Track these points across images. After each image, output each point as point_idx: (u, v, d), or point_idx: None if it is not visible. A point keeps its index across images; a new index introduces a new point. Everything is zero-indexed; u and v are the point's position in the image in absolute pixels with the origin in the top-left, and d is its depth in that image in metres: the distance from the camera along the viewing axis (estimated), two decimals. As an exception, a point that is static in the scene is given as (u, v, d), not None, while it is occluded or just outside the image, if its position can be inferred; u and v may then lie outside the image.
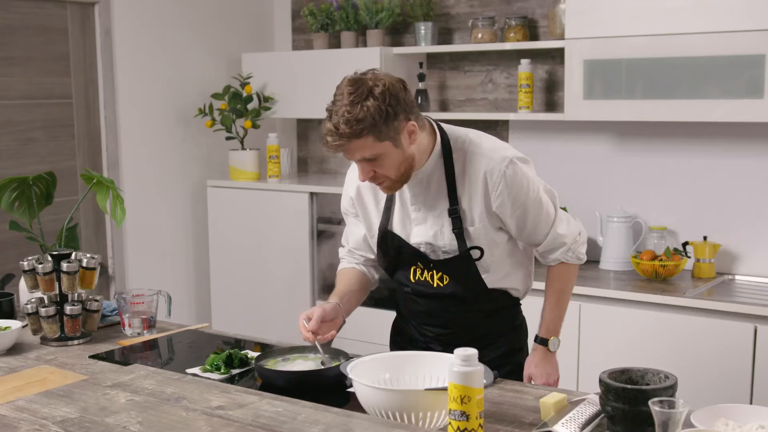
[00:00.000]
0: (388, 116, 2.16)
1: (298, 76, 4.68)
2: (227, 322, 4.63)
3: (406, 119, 2.21)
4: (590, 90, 3.75)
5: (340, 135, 2.16)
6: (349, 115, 2.14)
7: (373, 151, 2.19)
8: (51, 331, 2.59)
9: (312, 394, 2.09)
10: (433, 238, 2.38)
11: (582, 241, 2.49)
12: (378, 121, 2.15)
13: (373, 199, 2.50)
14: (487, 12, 4.42)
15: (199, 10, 4.83)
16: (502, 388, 2.21)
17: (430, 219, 2.38)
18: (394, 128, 2.19)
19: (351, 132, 2.14)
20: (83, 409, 1.95)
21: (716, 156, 3.87)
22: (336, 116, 2.16)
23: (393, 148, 2.21)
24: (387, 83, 2.18)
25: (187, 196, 4.88)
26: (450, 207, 2.34)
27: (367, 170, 2.26)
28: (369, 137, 2.16)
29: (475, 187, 2.32)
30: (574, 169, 4.21)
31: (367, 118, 2.14)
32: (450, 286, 2.40)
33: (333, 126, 2.16)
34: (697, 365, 3.37)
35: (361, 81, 2.18)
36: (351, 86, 2.18)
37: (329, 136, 2.18)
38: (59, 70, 4.24)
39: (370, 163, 2.23)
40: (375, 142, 2.18)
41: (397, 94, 2.18)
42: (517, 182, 2.32)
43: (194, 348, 2.64)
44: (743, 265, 3.85)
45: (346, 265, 2.65)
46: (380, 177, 2.27)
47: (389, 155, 2.22)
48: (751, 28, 3.36)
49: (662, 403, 1.67)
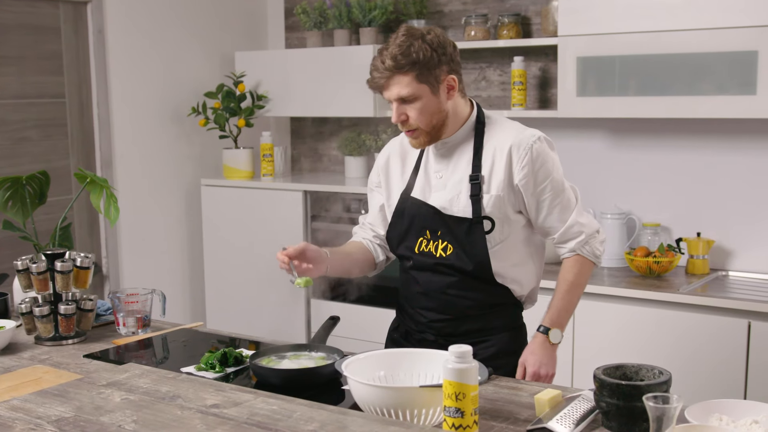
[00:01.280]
0: (431, 61, 2.29)
1: (292, 74, 4.67)
2: (222, 321, 4.63)
3: (448, 72, 2.33)
4: (583, 87, 3.76)
5: (386, 68, 2.29)
6: (397, 51, 2.27)
7: (411, 90, 2.29)
8: (45, 330, 2.59)
9: (307, 392, 2.09)
10: (448, 202, 2.42)
11: (601, 239, 2.50)
12: (422, 61, 2.27)
13: (401, 167, 2.56)
14: (480, 9, 4.42)
15: (192, 9, 4.83)
16: (497, 385, 2.21)
17: (449, 185, 2.43)
18: (435, 75, 2.31)
19: (395, 65, 2.27)
20: (78, 409, 1.94)
21: (709, 152, 3.88)
22: (385, 52, 2.30)
23: (430, 95, 2.32)
24: (439, 34, 2.33)
25: (180, 195, 4.88)
26: (472, 173, 2.39)
27: (401, 111, 2.34)
28: (410, 74, 2.28)
29: (500, 157, 2.38)
30: (567, 166, 4.16)
31: (412, 56, 2.27)
32: (453, 256, 2.41)
33: (380, 60, 2.30)
34: (692, 361, 3.38)
35: (416, 28, 2.33)
36: (406, 30, 2.32)
37: (374, 70, 2.32)
38: (52, 69, 4.23)
39: (405, 104, 2.33)
40: (414, 82, 2.29)
41: (445, 46, 2.32)
42: (542, 159, 2.38)
43: (189, 347, 2.64)
44: (737, 261, 3.86)
45: (354, 239, 2.70)
46: (412, 123, 2.35)
47: (425, 100, 2.32)
48: (744, 25, 3.37)
49: (656, 399, 1.68)
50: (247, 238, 4.68)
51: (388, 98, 2.35)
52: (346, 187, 4.42)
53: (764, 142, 3.75)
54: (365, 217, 2.71)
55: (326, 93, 4.55)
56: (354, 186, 4.41)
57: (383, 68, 2.30)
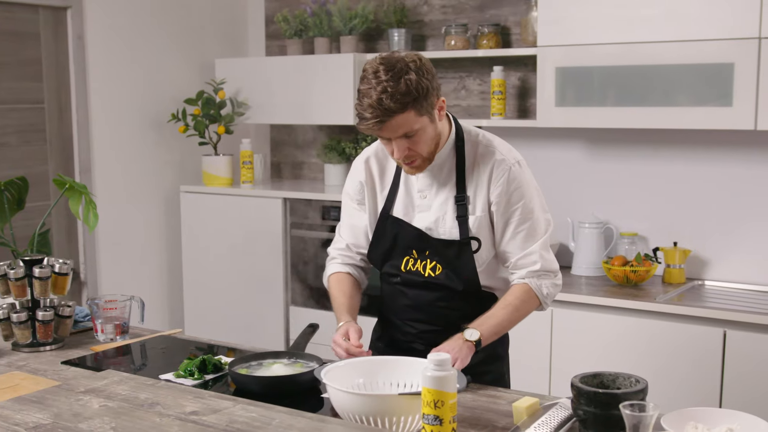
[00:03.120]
0: (427, 91, 2.20)
1: (272, 81, 4.68)
2: (200, 328, 4.62)
3: (437, 95, 2.26)
4: (562, 97, 3.78)
5: (384, 110, 2.15)
6: (393, 90, 2.14)
7: (415, 126, 2.21)
8: (23, 336, 2.58)
9: (286, 399, 2.09)
10: (434, 223, 2.40)
11: (555, 282, 2.41)
12: (420, 95, 2.18)
13: (380, 183, 2.51)
14: (460, 19, 4.45)
15: (173, 16, 4.82)
16: (476, 393, 2.22)
17: (434, 206, 2.40)
18: (430, 103, 2.23)
19: (396, 106, 2.15)
20: (56, 415, 1.94)
21: (686, 163, 3.91)
22: (375, 92, 2.15)
23: (429, 124, 2.26)
24: (421, 58, 2.23)
25: (160, 202, 4.87)
26: (457, 194, 2.37)
27: (404, 147, 2.26)
28: (411, 111, 2.18)
29: (483, 177, 2.36)
30: (546, 176, 4.23)
31: (411, 92, 2.16)
32: (442, 276, 2.40)
33: (375, 101, 2.15)
34: (668, 369, 3.41)
35: (395, 58, 2.20)
36: (385, 64, 2.18)
37: (370, 112, 2.16)
38: (31, 75, 4.21)
39: (407, 139, 2.24)
40: (416, 117, 2.20)
41: (430, 69, 2.24)
42: (518, 182, 2.36)
43: (167, 353, 2.63)
44: (713, 270, 3.89)
45: (339, 269, 2.59)
46: (414, 155, 2.29)
47: (426, 131, 2.25)
48: (721, 37, 3.40)
49: (633, 407, 1.70)
50: (226, 245, 4.67)
51: (388, 137, 2.24)
52: (325, 194, 4.42)
53: (740, 152, 3.79)
54: (346, 236, 2.59)
55: (306, 101, 4.56)
56: (334, 194, 4.41)
57: (381, 109, 2.15)
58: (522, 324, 3.68)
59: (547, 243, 2.42)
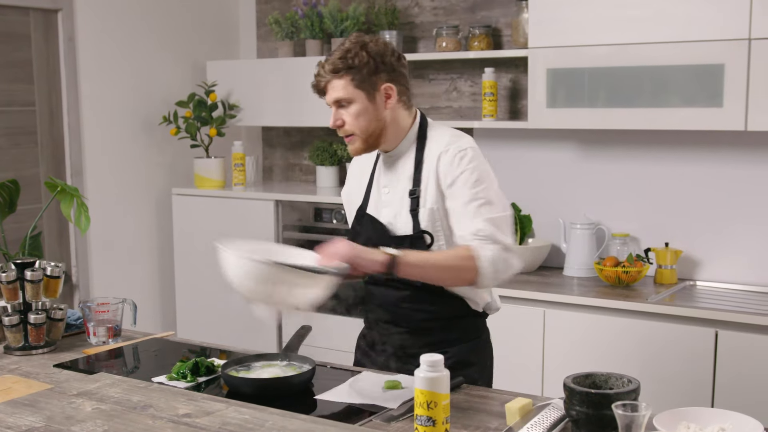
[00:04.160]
0: (369, 68, 2.33)
1: (263, 83, 4.68)
2: (192, 330, 4.61)
3: (387, 80, 2.36)
4: (553, 98, 3.79)
5: (325, 72, 2.36)
6: (335, 57, 2.34)
7: (346, 94, 2.34)
8: (15, 340, 2.57)
9: (279, 401, 2.09)
10: (394, 219, 2.42)
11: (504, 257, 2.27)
12: (359, 66, 2.33)
13: (359, 183, 2.57)
14: (451, 21, 4.45)
15: (164, 18, 4.82)
16: (468, 394, 2.22)
17: (394, 201, 2.43)
18: (372, 82, 2.35)
19: (333, 68, 2.34)
20: (49, 418, 1.94)
21: (677, 163, 3.92)
22: (329, 57, 2.37)
23: (366, 101, 2.35)
24: (381, 44, 2.38)
25: (151, 204, 4.86)
26: (411, 188, 2.39)
27: (338, 116, 2.39)
28: (346, 78, 2.33)
29: (432, 167, 2.37)
30: (537, 177, 4.25)
31: (348, 61, 2.33)
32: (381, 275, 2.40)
33: (322, 65, 2.37)
34: (660, 369, 3.41)
35: (364, 36, 2.40)
36: (353, 38, 2.38)
37: (317, 74, 2.39)
38: (22, 77, 4.20)
39: (341, 108, 2.38)
40: (350, 86, 2.34)
41: (384, 55, 2.36)
42: (468, 162, 2.33)
43: (160, 356, 2.63)
44: (704, 271, 3.90)
45: None
46: (348, 128, 2.39)
47: (360, 105, 2.35)
48: (711, 38, 3.41)
49: (625, 407, 1.70)
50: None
51: (327, 102, 2.40)
52: (317, 196, 4.42)
53: (731, 153, 3.80)
54: None
55: (298, 103, 4.56)
56: (326, 195, 4.41)
57: (323, 72, 2.37)
58: (514, 324, 3.70)
59: (503, 224, 2.31)
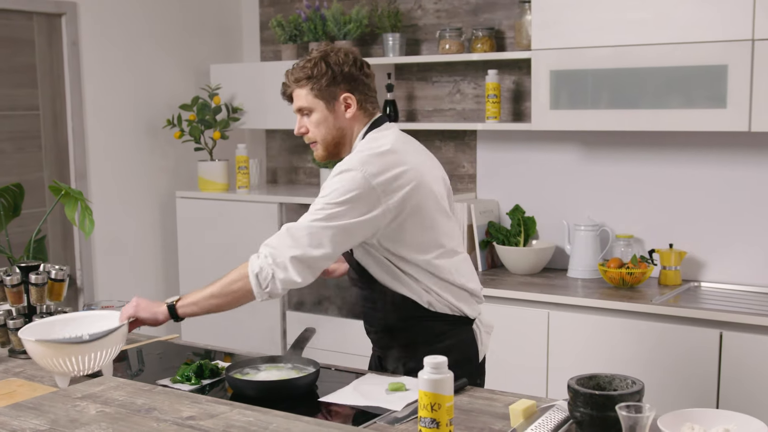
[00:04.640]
0: (327, 78, 2.41)
1: (267, 87, 4.68)
2: (197, 333, 4.61)
3: (347, 90, 2.43)
4: (557, 100, 3.79)
5: (289, 80, 2.47)
6: (300, 65, 2.45)
7: (307, 103, 2.43)
8: (19, 343, 2.57)
9: (283, 403, 2.10)
10: None
11: (274, 273, 2.37)
12: (318, 77, 2.41)
13: None
14: (454, 23, 4.45)
15: (168, 22, 4.83)
16: (472, 396, 2.22)
17: None
18: (332, 92, 2.42)
19: (295, 78, 2.45)
20: (53, 421, 1.94)
21: (681, 164, 3.92)
22: (295, 66, 2.48)
23: (326, 110, 2.43)
24: (342, 55, 2.44)
25: (155, 207, 4.87)
26: None
27: (301, 123, 2.48)
28: (307, 87, 2.42)
29: None
30: (541, 178, 4.25)
31: (307, 71, 2.42)
32: (352, 273, 2.52)
33: (289, 71, 2.48)
34: (664, 371, 3.41)
35: (331, 47, 2.49)
36: (320, 49, 2.48)
37: (283, 81, 2.50)
38: (26, 82, 4.21)
39: (304, 116, 2.47)
40: (311, 96, 2.43)
41: (342, 66, 2.42)
42: (336, 175, 2.33)
43: (164, 359, 2.63)
44: (708, 272, 3.90)
45: None
46: (311, 137, 2.48)
47: (320, 114, 2.44)
48: (714, 40, 3.41)
49: (629, 408, 1.70)
50: (222, 250, 4.67)
51: (293, 109, 2.49)
52: (321, 199, 4.42)
53: (734, 154, 3.80)
54: None
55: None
56: (329, 198, 4.41)
57: (288, 81, 2.47)
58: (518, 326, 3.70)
59: (306, 235, 2.30)
